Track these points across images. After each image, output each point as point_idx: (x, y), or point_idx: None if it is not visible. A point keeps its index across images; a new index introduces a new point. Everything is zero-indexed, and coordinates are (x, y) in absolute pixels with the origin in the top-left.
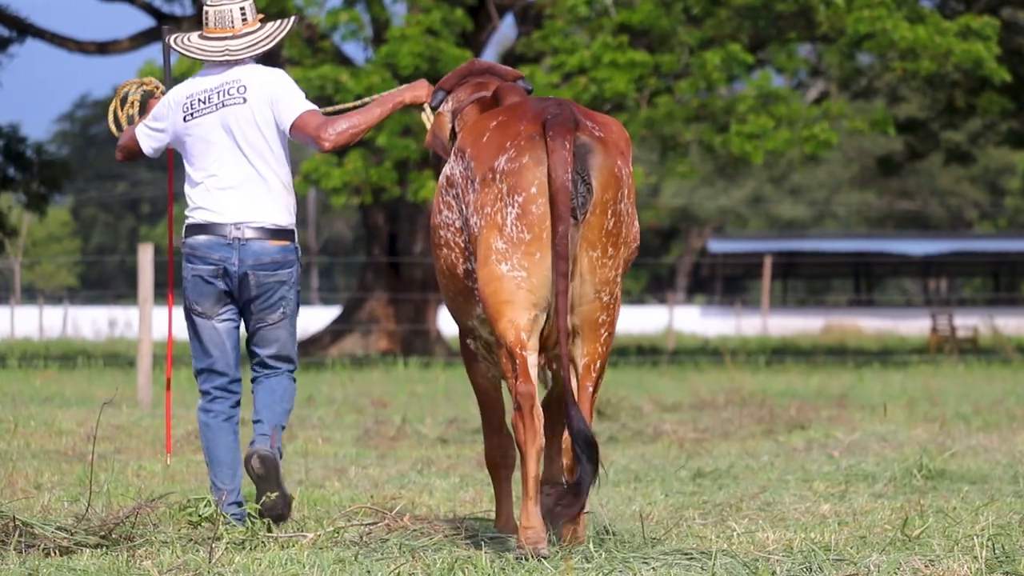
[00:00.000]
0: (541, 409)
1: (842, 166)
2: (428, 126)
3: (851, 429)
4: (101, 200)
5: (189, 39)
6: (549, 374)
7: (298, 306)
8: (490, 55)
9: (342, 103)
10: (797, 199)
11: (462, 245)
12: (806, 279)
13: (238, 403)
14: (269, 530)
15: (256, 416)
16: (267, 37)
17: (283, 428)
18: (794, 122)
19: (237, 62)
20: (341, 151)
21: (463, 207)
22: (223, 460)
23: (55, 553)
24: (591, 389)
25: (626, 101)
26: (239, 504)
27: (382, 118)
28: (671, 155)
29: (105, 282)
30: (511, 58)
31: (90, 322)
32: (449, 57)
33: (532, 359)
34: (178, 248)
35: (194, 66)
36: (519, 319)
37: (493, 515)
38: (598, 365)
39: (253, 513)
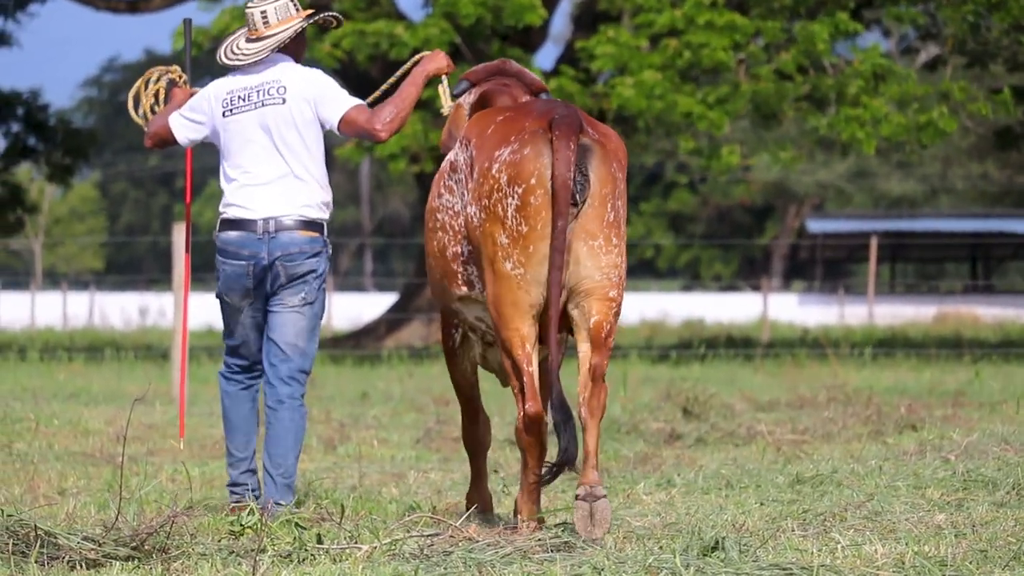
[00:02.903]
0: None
1: (959, 135)
2: (444, 98)
3: (968, 430)
4: (131, 174)
5: (238, 46)
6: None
7: (323, 306)
8: (564, 11)
9: (398, 59)
10: (907, 173)
11: (456, 228)
12: (917, 262)
13: (259, 376)
14: (319, 541)
15: (269, 467)
16: (275, 41)
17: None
18: (905, 103)
19: (260, 62)
20: None
21: (464, 192)
22: (239, 427)
23: (81, 566)
24: (605, 351)
25: (727, 72)
26: (252, 472)
27: (418, 96)
28: (769, 125)
29: (136, 265)
30: (589, 16)
31: (119, 310)
32: (515, 7)
33: (536, 372)
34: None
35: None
36: (523, 327)
37: (566, 527)
38: (608, 326)
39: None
